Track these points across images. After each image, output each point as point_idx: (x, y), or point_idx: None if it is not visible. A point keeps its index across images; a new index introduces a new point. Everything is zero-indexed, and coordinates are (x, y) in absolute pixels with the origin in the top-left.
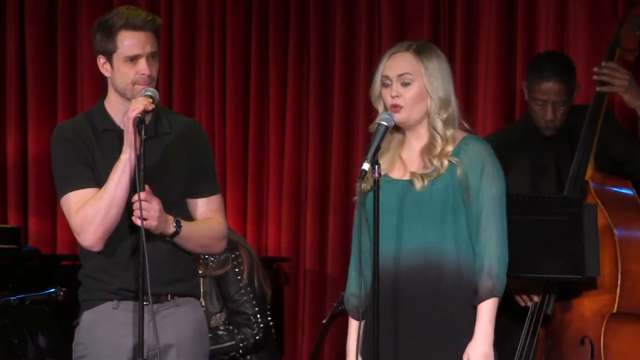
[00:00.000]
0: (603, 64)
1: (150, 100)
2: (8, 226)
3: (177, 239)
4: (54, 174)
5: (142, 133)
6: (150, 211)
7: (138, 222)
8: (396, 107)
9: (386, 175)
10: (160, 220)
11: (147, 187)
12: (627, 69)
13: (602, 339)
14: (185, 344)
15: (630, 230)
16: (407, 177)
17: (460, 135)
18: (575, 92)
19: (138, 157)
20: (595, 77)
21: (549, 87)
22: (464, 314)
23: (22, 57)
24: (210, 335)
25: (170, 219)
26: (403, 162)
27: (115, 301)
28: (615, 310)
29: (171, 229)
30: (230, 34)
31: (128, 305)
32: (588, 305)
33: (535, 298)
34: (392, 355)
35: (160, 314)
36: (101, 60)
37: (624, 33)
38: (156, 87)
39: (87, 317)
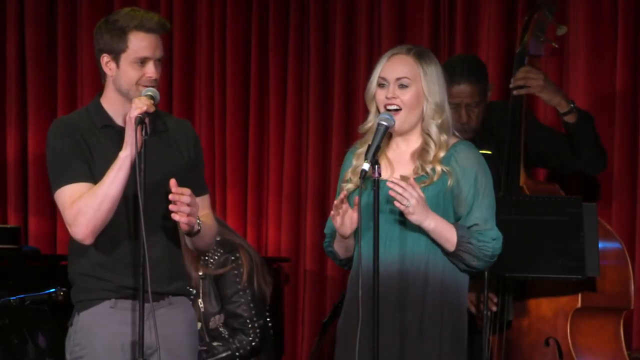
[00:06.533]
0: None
1: (152, 101)
2: (8, 226)
3: (195, 240)
4: (49, 167)
5: (144, 133)
6: (193, 209)
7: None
8: (391, 111)
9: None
10: (194, 221)
11: (189, 190)
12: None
13: (569, 336)
14: (179, 343)
15: None
16: (395, 178)
17: (451, 140)
18: (488, 92)
19: (139, 156)
20: (511, 86)
21: (460, 89)
22: (447, 321)
23: (22, 57)
24: (204, 347)
25: (195, 223)
26: (389, 162)
27: (113, 300)
28: (579, 305)
29: (196, 227)
30: (230, 34)
31: (126, 304)
32: (547, 306)
33: (495, 300)
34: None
35: (156, 313)
36: (105, 59)
37: (529, 40)
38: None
39: (85, 318)
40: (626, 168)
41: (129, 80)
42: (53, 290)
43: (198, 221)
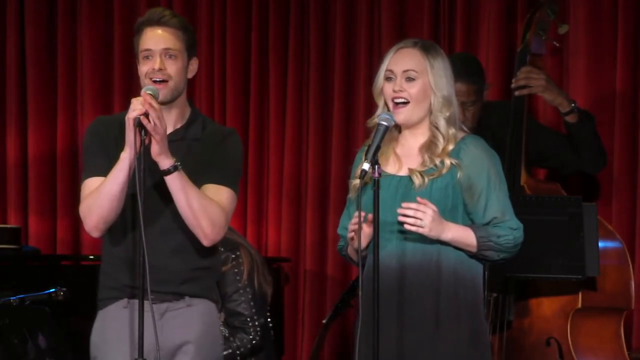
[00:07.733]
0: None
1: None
2: (8, 226)
3: (170, 183)
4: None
5: (142, 133)
6: (161, 125)
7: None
8: (397, 106)
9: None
10: (163, 138)
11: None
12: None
13: (569, 336)
14: (193, 345)
15: None
16: (403, 172)
17: (459, 135)
18: (485, 92)
19: (138, 158)
20: (513, 86)
21: (457, 88)
22: (462, 312)
23: (22, 57)
24: None
25: (169, 154)
26: (398, 157)
27: (126, 300)
28: (580, 305)
29: (169, 161)
30: (230, 34)
31: (136, 305)
32: (548, 306)
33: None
34: (394, 353)
35: (171, 314)
36: (137, 64)
37: (531, 39)
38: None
39: (100, 317)
40: (626, 168)
41: (142, 77)
42: (53, 290)
43: (174, 160)
